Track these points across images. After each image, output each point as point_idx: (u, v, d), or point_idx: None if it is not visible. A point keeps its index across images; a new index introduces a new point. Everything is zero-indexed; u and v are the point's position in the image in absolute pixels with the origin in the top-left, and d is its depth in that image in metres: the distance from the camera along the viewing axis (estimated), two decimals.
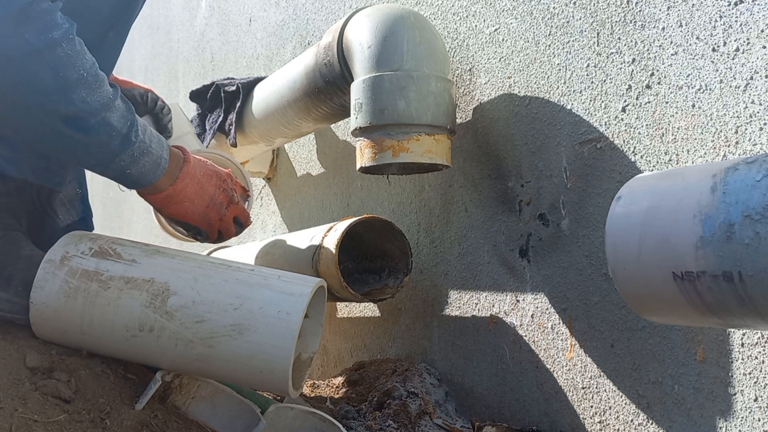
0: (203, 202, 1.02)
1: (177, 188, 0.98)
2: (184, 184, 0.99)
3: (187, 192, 1.00)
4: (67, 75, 0.82)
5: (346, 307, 1.42)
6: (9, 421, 0.66)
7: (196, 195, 1.01)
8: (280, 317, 0.75)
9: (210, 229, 1.03)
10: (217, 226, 1.04)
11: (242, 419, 0.80)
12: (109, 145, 0.87)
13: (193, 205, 1.00)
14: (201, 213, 1.01)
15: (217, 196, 1.04)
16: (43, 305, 0.79)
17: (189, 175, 1.00)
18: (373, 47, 1.03)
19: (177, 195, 0.98)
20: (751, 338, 0.73)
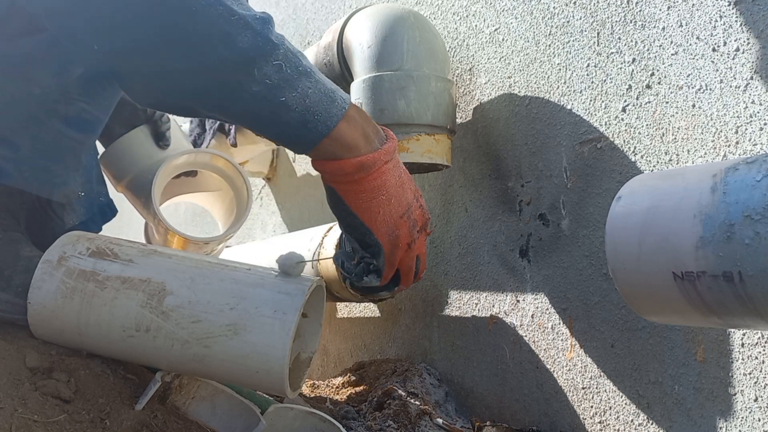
0: (400, 206, 0.73)
1: (378, 163, 0.70)
2: (387, 168, 0.71)
3: (388, 180, 0.71)
4: None
5: (346, 307, 1.42)
6: (9, 421, 0.66)
7: (396, 192, 0.72)
8: (276, 317, 0.74)
9: (391, 253, 0.73)
10: (401, 254, 0.73)
11: (242, 419, 0.80)
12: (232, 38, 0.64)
13: (388, 205, 0.72)
14: (392, 222, 0.72)
15: (414, 209, 0.75)
16: (41, 305, 0.79)
17: (394, 160, 0.72)
18: (373, 47, 1.03)
19: (375, 177, 0.70)
20: (751, 338, 0.73)
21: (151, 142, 1.25)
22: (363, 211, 0.72)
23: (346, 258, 0.79)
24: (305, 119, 0.68)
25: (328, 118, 0.68)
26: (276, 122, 0.68)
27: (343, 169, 0.70)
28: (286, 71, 0.67)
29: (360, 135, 0.70)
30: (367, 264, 0.75)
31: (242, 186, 1.30)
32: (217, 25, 0.65)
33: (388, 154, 0.72)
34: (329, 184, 0.73)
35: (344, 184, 0.71)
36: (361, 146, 0.70)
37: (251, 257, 1.34)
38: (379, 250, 0.74)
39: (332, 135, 0.69)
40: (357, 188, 0.71)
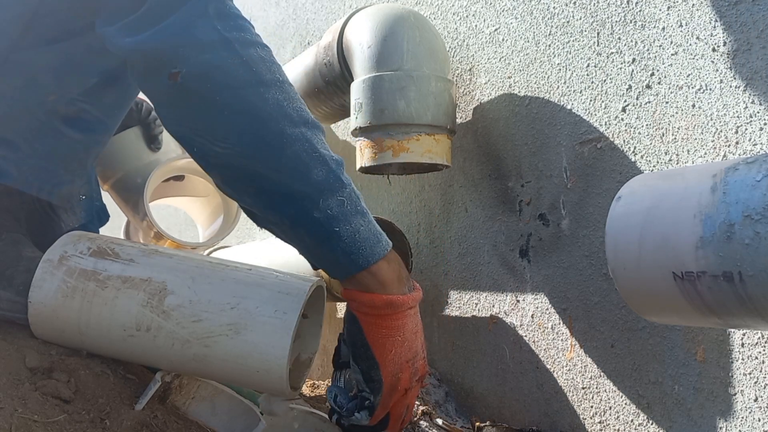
0: (409, 351, 0.78)
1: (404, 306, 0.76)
2: (409, 313, 0.78)
3: (407, 324, 0.77)
4: (261, 72, 0.75)
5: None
6: (9, 421, 0.66)
7: (410, 337, 0.77)
8: (277, 316, 0.74)
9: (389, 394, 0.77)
10: (397, 397, 0.78)
11: (242, 419, 0.80)
12: (309, 170, 0.75)
13: (401, 346, 0.76)
14: (399, 364, 0.76)
15: (419, 358, 0.80)
16: (41, 305, 0.79)
17: (416, 309, 0.79)
18: (373, 47, 1.03)
19: (399, 317, 0.76)
20: (751, 338, 0.73)
21: (142, 143, 1.25)
22: (377, 346, 0.76)
23: (339, 392, 0.82)
24: (351, 250, 0.75)
25: (371, 255, 0.76)
26: (324, 247, 0.76)
27: (374, 302, 0.76)
28: (347, 207, 0.76)
29: (395, 277, 0.77)
30: (362, 399, 0.78)
31: None
32: (300, 157, 0.75)
33: (414, 301, 0.79)
34: (354, 312, 0.78)
35: (369, 316, 0.77)
36: (394, 286, 0.77)
37: (251, 257, 1.34)
38: (380, 387, 0.77)
39: (371, 269, 0.76)
40: (379, 323, 0.76)
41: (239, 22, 0.78)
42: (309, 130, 0.77)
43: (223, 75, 0.74)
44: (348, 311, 0.79)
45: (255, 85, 0.75)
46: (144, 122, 1.24)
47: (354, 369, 0.79)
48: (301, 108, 0.78)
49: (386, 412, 0.79)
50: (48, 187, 0.91)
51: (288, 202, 0.76)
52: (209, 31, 0.75)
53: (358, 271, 0.76)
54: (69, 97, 0.88)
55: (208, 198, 1.39)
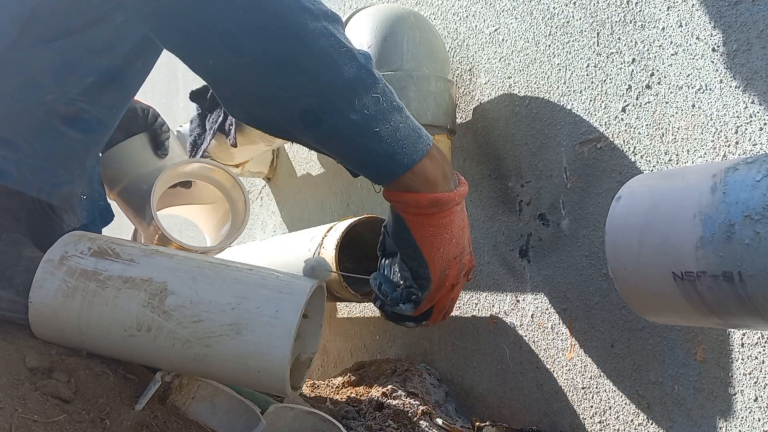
0: (457, 248, 0.76)
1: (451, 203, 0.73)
2: (456, 209, 0.75)
3: (454, 220, 0.75)
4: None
5: (346, 307, 1.42)
6: (9, 421, 0.66)
7: (457, 233, 0.76)
8: (278, 316, 0.74)
9: (436, 289, 0.76)
10: (443, 292, 0.77)
11: (242, 419, 0.80)
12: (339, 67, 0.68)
13: (448, 244, 0.75)
14: (447, 261, 0.75)
15: (467, 254, 0.78)
16: (42, 304, 0.79)
17: (462, 204, 0.76)
18: (373, 47, 1.03)
19: (446, 214, 0.73)
20: (751, 338, 0.73)
21: (149, 150, 1.25)
22: (426, 245, 0.74)
23: (384, 281, 0.81)
24: (394, 151, 0.71)
25: (414, 153, 0.72)
26: (366, 151, 0.71)
27: (419, 202, 0.73)
28: (383, 104, 0.70)
29: (440, 173, 0.73)
30: (409, 294, 0.78)
31: (239, 197, 1.29)
32: (328, 54, 0.69)
33: (461, 196, 0.76)
34: (400, 213, 0.75)
35: (416, 216, 0.74)
36: (439, 183, 0.73)
37: (251, 257, 1.34)
38: (428, 283, 0.76)
39: (415, 169, 0.72)
40: (427, 221, 0.73)
41: None
42: (330, 24, 0.71)
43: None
44: (392, 212, 0.77)
45: None
46: (150, 129, 1.23)
47: (401, 267, 0.78)
48: (318, 1, 0.72)
49: (431, 305, 0.78)
50: (48, 187, 0.91)
51: (320, 107, 0.70)
52: None
53: (403, 173, 0.72)
54: (68, 96, 0.88)
55: (215, 205, 1.39)
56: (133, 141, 1.22)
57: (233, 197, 1.32)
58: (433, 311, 0.80)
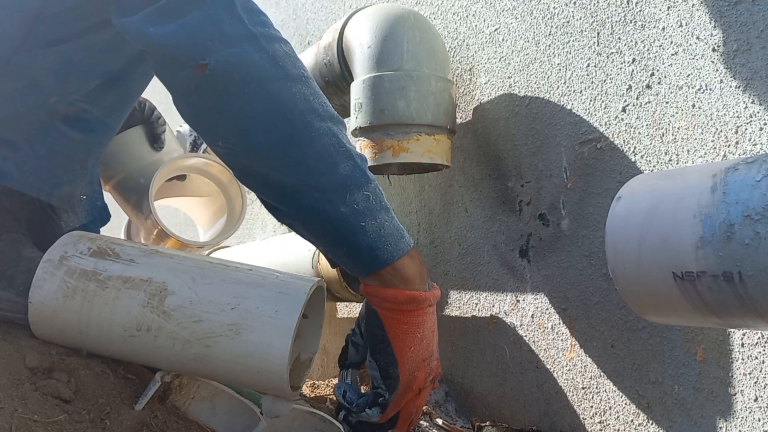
0: (427, 350, 0.78)
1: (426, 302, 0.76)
2: (429, 311, 0.78)
3: (427, 321, 0.77)
4: (286, 66, 0.75)
5: (346, 307, 1.42)
6: (9, 421, 0.66)
7: (428, 335, 0.78)
8: (277, 317, 0.74)
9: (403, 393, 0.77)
10: (410, 397, 0.77)
11: (242, 419, 0.80)
12: (336, 164, 0.74)
13: (419, 344, 0.76)
14: (416, 363, 0.76)
15: (434, 359, 0.80)
16: (42, 305, 0.79)
17: (434, 307, 0.79)
18: (373, 47, 1.03)
19: (420, 313, 0.76)
20: (751, 338, 0.73)
21: (145, 143, 1.25)
22: (397, 342, 0.76)
23: (348, 389, 0.82)
24: (376, 246, 0.75)
25: (396, 251, 0.76)
26: (350, 242, 0.76)
27: (397, 298, 0.76)
28: (372, 202, 0.76)
29: (418, 273, 0.77)
30: (376, 396, 0.78)
31: (237, 194, 1.29)
32: (328, 152, 0.75)
33: (435, 298, 0.79)
34: (375, 308, 0.78)
35: (391, 312, 0.76)
36: (416, 282, 0.76)
37: (251, 257, 1.34)
38: (396, 384, 0.77)
39: (395, 265, 0.76)
40: (401, 318, 0.76)
41: (262, 17, 0.78)
42: (334, 125, 0.77)
43: (251, 69, 0.74)
44: (367, 307, 0.79)
45: (282, 79, 0.75)
46: (147, 122, 1.23)
47: (371, 365, 0.79)
48: (326, 103, 0.78)
49: (397, 411, 0.79)
50: (48, 188, 0.91)
51: (314, 196, 0.75)
52: (236, 25, 0.75)
53: (383, 267, 0.75)
54: (70, 98, 0.88)
55: (210, 198, 1.39)
56: (129, 133, 1.22)
57: (230, 193, 1.32)
58: (399, 418, 0.80)
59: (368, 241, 0.75)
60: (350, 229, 0.75)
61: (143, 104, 1.23)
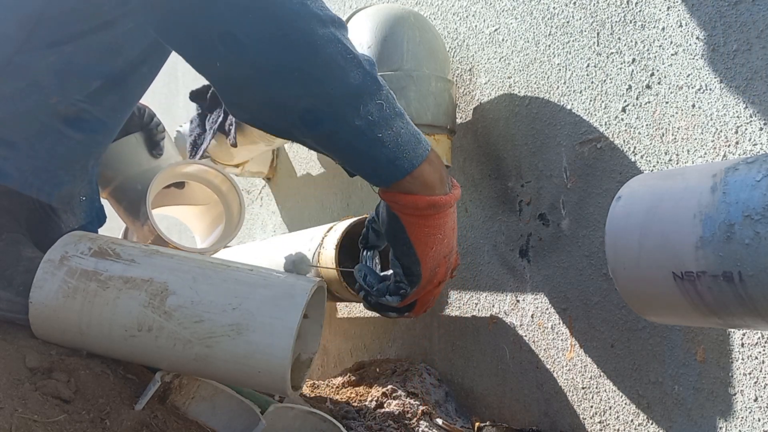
0: (447, 248, 0.79)
1: (446, 206, 0.76)
2: (450, 212, 0.78)
3: (447, 222, 0.78)
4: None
5: (346, 307, 1.42)
6: (9, 421, 0.66)
7: (449, 234, 0.78)
8: (278, 317, 0.75)
9: (424, 286, 0.79)
10: (430, 288, 0.80)
11: (242, 419, 0.80)
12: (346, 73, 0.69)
13: (440, 244, 0.78)
14: (437, 260, 0.78)
15: (453, 255, 0.81)
16: (42, 305, 0.79)
17: (454, 207, 0.79)
18: (373, 47, 1.03)
19: (440, 216, 0.76)
20: (751, 338, 0.73)
21: (144, 150, 1.24)
22: (420, 244, 0.77)
23: (368, 272, 0.84)
24: (395, 156, 0.73)
25: (414, 158, 0.74)
26: (368, 155, 0.73)
27: (417, 204, 0.75)
28: (386, 111, 0.72)
29: (437, 177, 0.76)
30: (398, 287, 0.81)
31: (234, 201, 1.29)
32: (336, 61, 0.70)
33: (455, 199, 0.79)
34: (396, 213, 0.77)
35: (412, 217, 0.76)
36: (436, 187, 0.76)
37: (251, 257, 1.34)
38: (418, 280, 0.79)
39: (415, 173, 0.74)
40: (423, 222, 0.76)
41: None
42: (337, 30, 0.72)
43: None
44: (387, 210, 0.78)
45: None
46: (146, 128, 1.23)
47: (393, 263, 0.80)
48: (325, 6, 0.73)
49: (415, 299, 0.81)
50: (48, 188, 0.91)
51: (326, 112, 0.71)
52: None
53: (403, 176, 0.74)
54: (71, 99, 0.88)
55: (208, 207, 1.39)
56: (128, 140, 1.22)
57: (228, 200, 1.31)
58: (416, 304, 0.83)
59: (386, 152, 0.72)
60: (367, 143, 0.72)
61: (142, 110, 1.23)
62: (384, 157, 0.73)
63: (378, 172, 0.75)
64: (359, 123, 0.71)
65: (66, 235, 0.84)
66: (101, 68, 0.89)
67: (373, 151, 0.72)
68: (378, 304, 0.83)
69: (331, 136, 0.72)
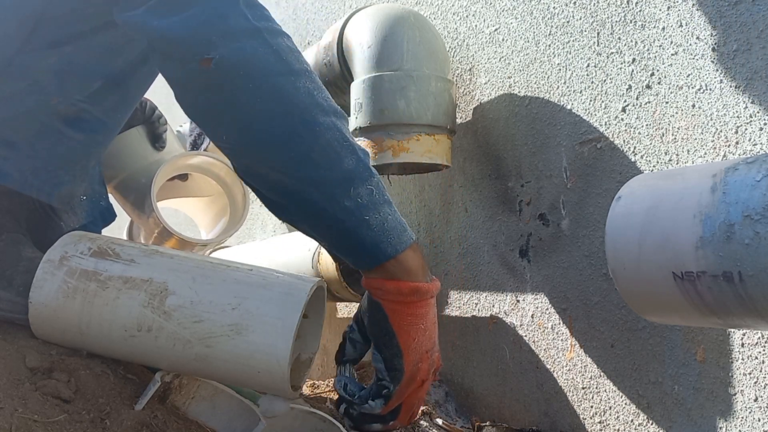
0: (429, 342, 0.78)
1: (428, 294, 0.77)
2: (431, 302, 0.79)
3: (429, 313, 0.78)
4: (290, 61, 0.76)
5: (346, 307, 1.42)
6: (9, 421, 0.66)
7: (430, 327, 0.79)
8: (278, 317, 0.75)
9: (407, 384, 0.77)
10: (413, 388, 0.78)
11: (242, 419, 0.80)
12: (341, 158, 0.75)
13: (423, 335, 0.77)
14: (420, 354, 0.77)
15: (436, 350, 0.81)
16: (42, 305, 0.79)
17: (434, 299, 0.79)
18: (373, 47, 1.03)
19: (423, 305, 0.77)
20: (751, 338, 0.73)
21: (147, 143, 1.24)
22: (402, 333, 0.77)
23: (349, 381, 0.83)
24: (380, 239, 0.76)
25: (399, 243, 0.77)
26: (354, 236, 0.76)
27: (400, 290, 0.76)
28: (375, 196, 0.77)
29: (420, 265, 0.78)
30: (380, 388, 0.79)
31: (240, 193, 1.29)
32: (332, 146, 0.76)
33: (436, 290, 0.80)
34: (378, 300, 0.78)
35: (395, 304, 0.77)
36: (419, 274, 0.78)
37: (251, 257, 1.34)
38: (400, 376, 0.77)
39: (399, 257, 0.77)
40: (405, 310, 0.77)
41: (264, 12, 0.79)
42: (338, 120, 0.77)
43: (255, 63, 0.74)
44: (369, 299, 0.79)
45: (286, 74, 0.75)
46: (148, 121, 1.23)
47: (375, 358, 0.79)
48: (329, 97, 0.78)
49: (400, 402, 0.79)
50: (48, 188, 0.91)
51: (319, 191, 0.75)
52: (241, 20, 0.75)
53: (387, 260, 0.76)
54: (71, 99, 0.88)
55: (212, 198, 1.38)
56: (130, 133, 1.22)
57: (233, 192, 1.31)
58: (401, 409, 0.80)
59: (372, 235, 0.75)
60: (354, 224, 0.75)
61: (144, 104, 1.23)
62: (369, 239, 0.76)
63: (363, 254, 0.77)
64: (348, 204, 0.75)
65: (66, 235, 0.84)
66: (101, 69, 0.89)
67: (359, 231, 0.75)
68: (361, 415, 0.81)
69: (322, 213, 0.76)
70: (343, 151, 0.76)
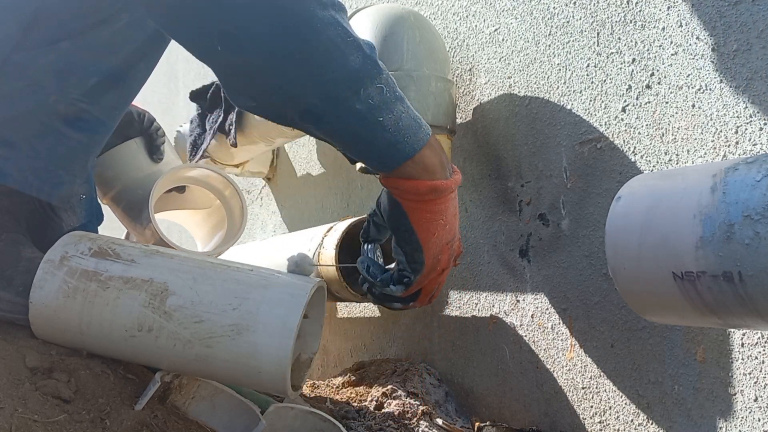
0: (449, 234, 0.78)
1: (447, 190, 0.75)
2: (451, 197, 0.77)
3: (449, 207, 0.77)
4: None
5: (346, 307, 1.42)
6: (9, 421, 0.66)
7: (451, 220, 0.78)
8: (279, 317, 0.75)
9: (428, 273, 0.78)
10: (433, 276, 0.79)
11: (242, 419, 0.80)
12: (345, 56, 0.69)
13: (442, 230, 0.77)
14: (440, 247, 0.77)
15: (457, 240, 0.81)
16: (42, 305, 0.79)
17: (455, 192, 0.78)
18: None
19: (442, 201, 0.76)
20: (751, 338, 0.73)
21: (144, 155, 1.24)
22: (422, 230, 0.76)
23: (371, 264, 0.84)
24: (396, 140, 0.72)
25: (415, 142, 0.73)
26: (369, 140, 0.73)
27: (418, 189, 0.75)
28: (386, 94, 0.72)
29: (438, 162, 0.75)
30: (401, 276, 0.81)
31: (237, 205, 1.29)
32: (335, 43, 0.69)
33: (456, 184, 0.78)
34: (398, 199, 0.77)
35: (413, 202, 0.76)
36: (437, 171, 0.75)
37: (252, 257, 1.34)
38: (421, 267, 0.78)
39: (416, 158, 0.74)
40: (424, 207, 0.76)
41: None
42: (337, 13, 0.72)
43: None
44: (388, 196, 0.78)
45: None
46: (146, 133, 1.23)
47: (396, 251, 0.80)
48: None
49: (419, 288, 0.81)
50: (47, 188, 0.91)
51: (325, 96, 0.70)
52: None
53: (404, 161, 0.74)
54: (69, 97, 0.88)
55: (209, 211, 1.38)
56: (128, 145, 1.21)
57: (231, 205, 1.31)
58: (420, 294, 0.82)
59: (387, 136, 0.72)
60: (367, 127, 0.71)
61: (142, 115, 1.23)
62: (385, 141, 0.72)
63: (379, 156, 0.74)
64: (360, 107, 0.70)
65: (66, 235, 0.84)
66: (99, 66, 0.89)
67: (373, 135, 0.72)
68: (382, 294, 0.83)
69: (333, 121, 0.72)
70: (347, 48, 0.69)
